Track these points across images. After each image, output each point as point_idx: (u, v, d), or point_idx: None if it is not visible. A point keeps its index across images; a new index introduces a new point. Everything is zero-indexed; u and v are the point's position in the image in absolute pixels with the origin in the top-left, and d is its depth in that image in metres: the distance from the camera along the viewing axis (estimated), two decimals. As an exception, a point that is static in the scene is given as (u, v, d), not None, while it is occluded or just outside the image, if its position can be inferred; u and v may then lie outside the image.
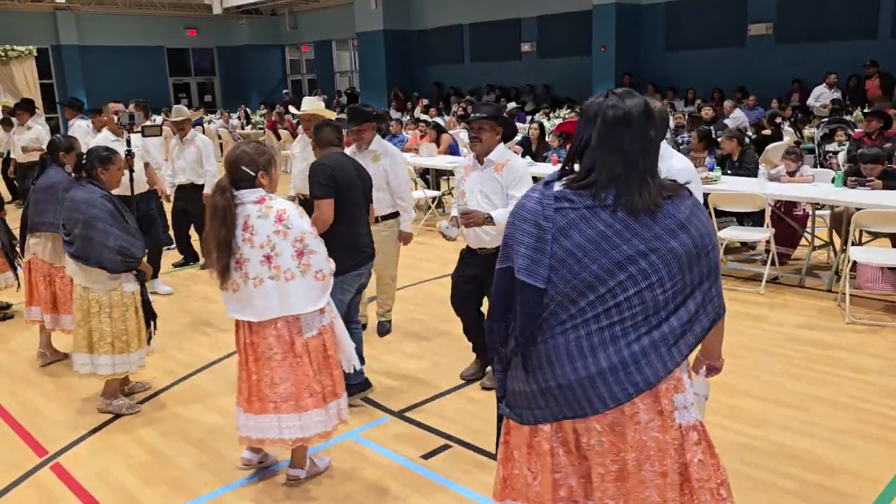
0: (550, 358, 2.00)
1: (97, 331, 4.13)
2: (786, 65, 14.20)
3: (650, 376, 1.95)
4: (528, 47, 18.90)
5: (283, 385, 3.20)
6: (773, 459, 3.56)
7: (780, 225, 6.68)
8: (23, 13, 21.52)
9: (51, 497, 3.50)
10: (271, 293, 3.11)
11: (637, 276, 1.92)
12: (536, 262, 1.96)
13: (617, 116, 1.95)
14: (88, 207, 4.03)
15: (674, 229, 1.93)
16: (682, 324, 1.97)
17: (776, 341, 5.08)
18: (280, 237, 3.09)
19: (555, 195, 1.98)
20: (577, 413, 1.98)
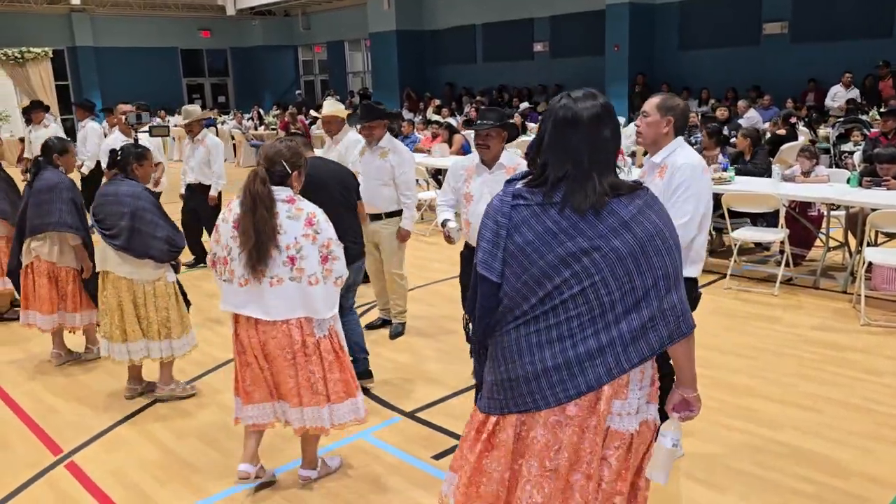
0: (504, 352, 2.09)
1: (147, 319, 4.28)
2: (801, 64, 14.09)
3: (592, 380, 1.99)
4: (540, 47, 18.86)
5: (291, 382, 3.23)
6: (787, 461, 3.54)
7: (795, 225, 6.63)
8: (39, 15, 21.73)
9: (66, 496, 3.53)
10: (291, 294, 3.09)
11: (580, 274, 1.95)
12: (492, 256, 2.05)
13: (566, 118, 2.00)
14: (135, 200, 4.18)
15: (616, 228, 1.94)
16: (632, 329, 1.96)
17: (790, 343, 5.05)
18: (308, 241, 3.08)
19: (513, 192, 2.06)
20: (520, 408, 2.06)
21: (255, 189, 3.03)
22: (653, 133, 3.27)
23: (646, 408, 2.12)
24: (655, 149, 3.31)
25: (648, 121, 3.27)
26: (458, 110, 17.77)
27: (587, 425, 2.03)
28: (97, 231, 4.30)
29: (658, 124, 3.25)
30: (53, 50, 19.57)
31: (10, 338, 5.81)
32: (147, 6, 23.38)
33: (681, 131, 3.30)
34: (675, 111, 3.24)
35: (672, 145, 3.26)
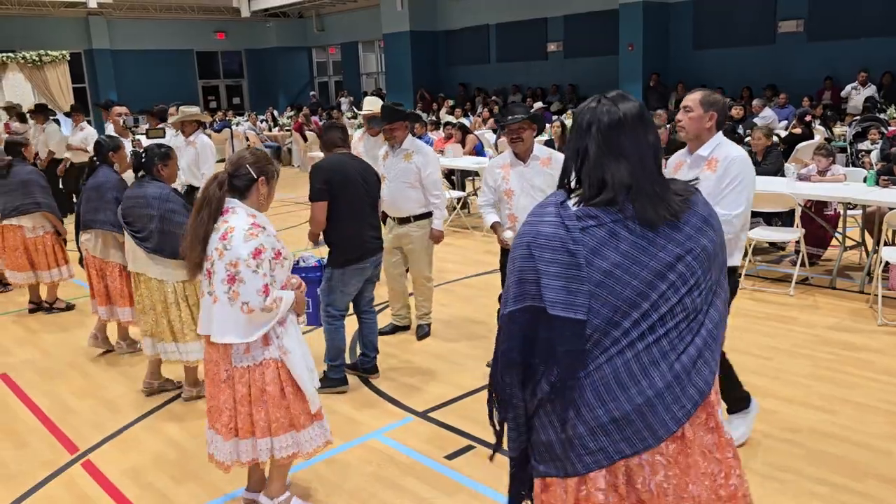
0: (599, 391, 1.78)
1: (179, 319, 4.29)
2: (817, 62, 13.96)
3: (702, 385, 1.81)
4: (554, 47, 18.82)
5: (210, 402, 3.12)
6: (803, 463, 3.51)
7: (811, 225, 6.58)
8: (56, 19, 21.96)
9: (82, 494, 3.57)
10: (205, 309, 3.03)
11: (678, 283, 1.80)
12: (573, 293, 1.75)
13: (612, 122, 1.82)
14: (163, 203, 4.22)
15: (701, 226, 1.85)
16: (715, 324, 1.87)
17: (806, 343, 5.01)
18: (217, 255, 2.94)
19: (576, 214, 1.79)
20: (637, 448, 1.77)
21: (209, 192, 2.99)
22: (696, 127, 3.36)
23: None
24: (698, 143, 3.40)
25: (692, 115, 3.35)
26: (472, 111, 17.76)
27: (708, 445, 1.84)
28: (127, 233, 4.34)
29: (701, 119, 3.34)
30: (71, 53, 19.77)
31: (27, 338, 5.88)
32: (163, 9, 23.56)
33: (721, 125, 3.39)
34: (717, 106, 3.34)
35: (716, 139, 3.37)
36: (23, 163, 6.21)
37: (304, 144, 15.81)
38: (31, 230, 6.10)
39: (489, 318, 5.65)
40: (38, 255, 6.12)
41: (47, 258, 6.16)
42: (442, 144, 10.97)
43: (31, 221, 6.08)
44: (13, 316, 6.45)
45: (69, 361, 5.30)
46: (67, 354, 5.43)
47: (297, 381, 3.05)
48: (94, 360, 5.30)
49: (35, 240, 6.11)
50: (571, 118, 1.98)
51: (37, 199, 6.05)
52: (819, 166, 6.83)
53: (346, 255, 4.36)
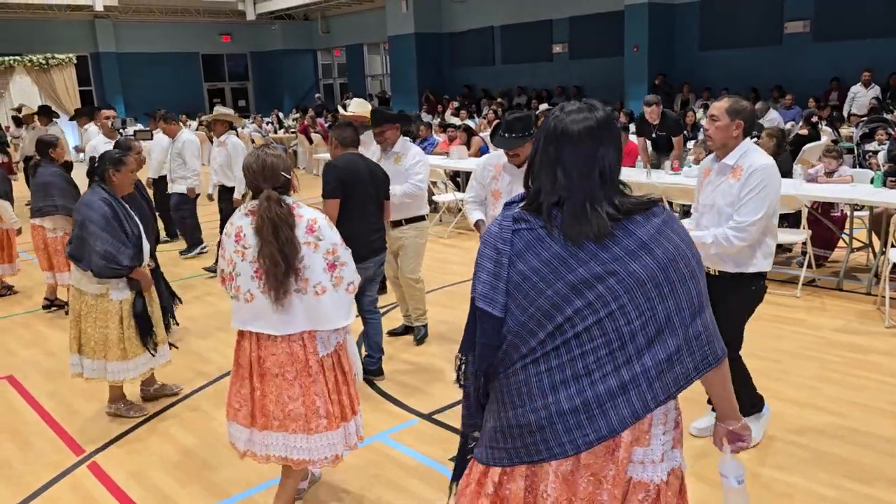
0: (511, 394, 1.84)
1: (85, 333, 4.15)
2: (824, 63, 13.93)
3: (615, 423, 1.75)
4: (559, 48, 18.82)
5: (291, 404, 2.99)
6: (809, 466, 3.49)
7: (818, 226, 6.55)
8: (63, 22, 22.06)
9: (87, 496, 3.56)
10: (295, 308, 2.92)
11: (595, 304, 1.74)
12: (494, 289, 1.82)
13: (555, 133, 1.79)
14: (87, 209, 4.06)
15: (634, 250, 1.74)
16: (657, 363, 1.75)
17: (813, 345, 4.98)
18: (310, 249, 2.90)
19: (513, 216, 1.84)
20: (532, 457, 1.81)
21: (272, 213, 2.83)
22: (723, 137, 3.32)
23: (671, 454, 1.88)
24: (725, 151, 3.36)
25: (718, 125, 3.31)
26: (477, 112, 17.76)
27: (604, 475, 1.80)
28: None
29: (728, 128, 3.30)
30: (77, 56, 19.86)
31: (32, 339, 5.90)
32: (168, 12, 23.64)
33: (749, 132, 3.36)
34: (743, 114, 3.30)
35: (742, 146, 3.33)
36: (50, 164, 6.23)
37: (309, 146, 15.82)
38: (51, 231, 6.13)
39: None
40: (58, 255, 6.14)
41: (66, 260, 6.15)
42: (447, 146, 10.96)
43: (51, 223, 6.10)
44: (19, 318, 6.47)
45: (75, 363, 5.31)
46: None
47: (350, 357, 3.17)
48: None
49: (55, 240, 6.14)
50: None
51: (55, 202, 6.03)
52: (828, 168, 6.80)
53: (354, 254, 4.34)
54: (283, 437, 3.01)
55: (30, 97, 18.36)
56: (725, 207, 3.36)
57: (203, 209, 8.45)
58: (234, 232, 2.98)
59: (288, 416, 2.99)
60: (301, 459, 3.04)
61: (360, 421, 3.24)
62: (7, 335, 6.04)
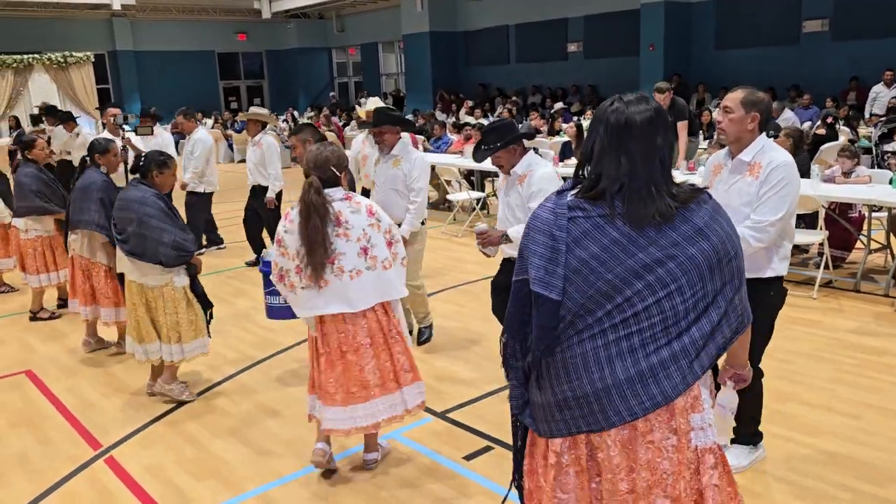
0: (568, 368, 1.94)
1: (158, 322, 4.35)
2: (842, 62, 13.79)
3: (668, 390, 1.88)
4: (574, 47, 18.76)
5: (371, 376, 3.38)
6: (825, 468, 3.47)
7: (835, 227, 6.50)
8: (81, 20, 22.26)
9: (104, 489, 3.61)
10: (367, 283, 3.28)
11: (655, 285, 1.86)
12: (551, 274, 1.91)
13: (619, 123, 1.90)
14: (141, 206, 4.20)
15: (692, 236, 1.87)
16: (703, 335, 1.90)
17: (829, 347, 4.95)
18: (374, 230, 3.28)
19: (568, 204, 1.94)
20: (591, 427, 1.93)
21: (309, 199, 3.17)
22: (736, 130, 3.10)
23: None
24: (739, 146, 3.14)
25: (732, 117, 3.09)
26: (491, 111, 17.75)
27: (664, 444, 1.91)
28: (115, 235, 4.37)
29: (742, 121, 3.07)
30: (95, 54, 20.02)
31: (50, 334, 5.97)
32: (185, 11, 23.79)
33: (764, 127, 3.14)
34: (759, 106, 3.08)
35: (759, 142, 3.11)
36: (27, 164, 6.13)
37: (323, 145, 15.85)
38: (24, 232, 6.11)
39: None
40: (28, 258, 6.11)
41: (36, 262, 6.12)
42: (461, 145, 10.97)
43: (23, 224, 6.09)
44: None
45: (91, 359, 5.37)
46: (89, 353, 5.49)
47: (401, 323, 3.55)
48: (116, 359, 5.37)
49: (26, 242, 6.11)
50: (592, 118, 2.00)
51: (31, 203, 5.98)
52: (844, 168, 6.75)
53: None
54: (387, 399, 3.43)
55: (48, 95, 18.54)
56: (742, 208, 3.10)
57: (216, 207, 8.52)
58: (295, 228, 3.25)
59: (386, 379, 3.42)
60: (404, 412, 3.48)
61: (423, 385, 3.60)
62: (27, 331, 6.11)
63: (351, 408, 3.36)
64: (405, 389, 3.46)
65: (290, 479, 3.61)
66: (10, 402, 4.69)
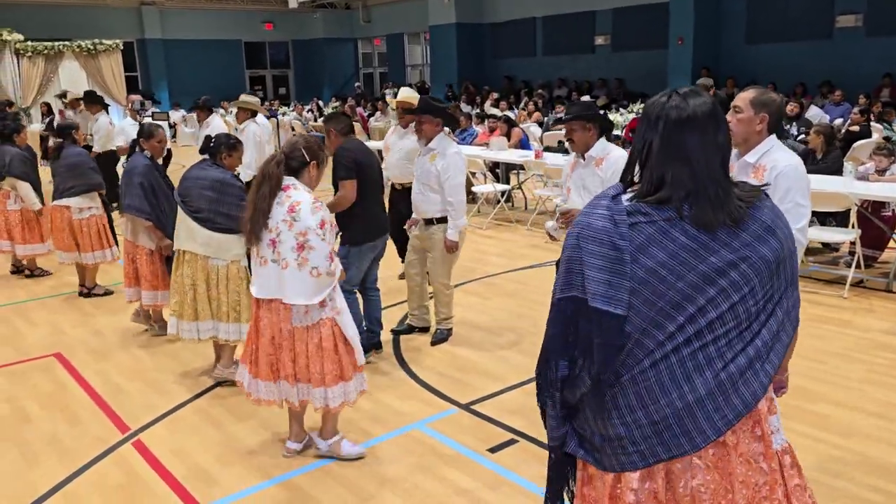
0: (640, 393, 1.77)
1: (218, 301, 4.40)
2: (876, 58, 13.52)
3: (748, 397, 1.76)
4: (601, 40, 18.59)
5: (264, 360, 3.48)
6: (857, 470, 3.41)
7: (867, 226, 6.38)
8: (110, 8, 22.49)
9: (132, 472, 3.65)
10: (271, 276, 3.36)
11: (729, 290, 1.74)
12: (615, 287, 1.74)
13: (681, 118, 1.75)
14: (223, 185, 4.33)
15: (762, 235, 1.76)
16: (772, 335, 1.79)
17: (860, 347, 4.86)
18: (285, 226, 3.28)
19: (626, 209, 1.77)
20: (673, 452, 1.76)
21: (267, 169, 3.32)
22: (744, 130, 3.00)
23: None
24: (746, 147, 3.06)
25: (741, 117, 3.02)
26: (516, 104, 17.66)
27: (752, 454, 1.80)
28: (183, 210, 4.39)
29: (751, 121, 3.00)
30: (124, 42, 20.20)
31: (80, 319, 6.04)
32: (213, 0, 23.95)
33: (774, 128, 3.06)
34: (770, 107, 3.00)
35: (766, 143, 3.02)
36: (73, 145, 6.38)
37: (348, 135, 15.89)
38: (77, 211, 6.25)
39: (532, 312, 5.62)
40: (83, 236, 6.27)
41: (91, 240, 6.29)
42: (486, 137, 10.93)
43: (78, 202, 6.23)
44: (68, 298, 6.63)
45: (119, 343, 5.44)
46: (118, 336, 5.56)
47: (347, 336, 3.47)
48: (143, 343, 5.43)
49: (81, 221, 6.26)
50: (641, 112, 1.89)
51: (88, 180, 6.20)
52: (878, 166, 6.62)
53: (367, 233, 4.65)
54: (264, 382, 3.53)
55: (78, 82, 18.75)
56: None
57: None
58: None
59: (266, 367, 3.50)
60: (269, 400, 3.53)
61: (331, 394, 3.47)
62: (56, 314, 6.20)
63: (276, 384, 3.53)
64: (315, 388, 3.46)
65: (315, 468, 3.62)
66: (40, 385, 4.76)
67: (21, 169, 6.75)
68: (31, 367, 5.07)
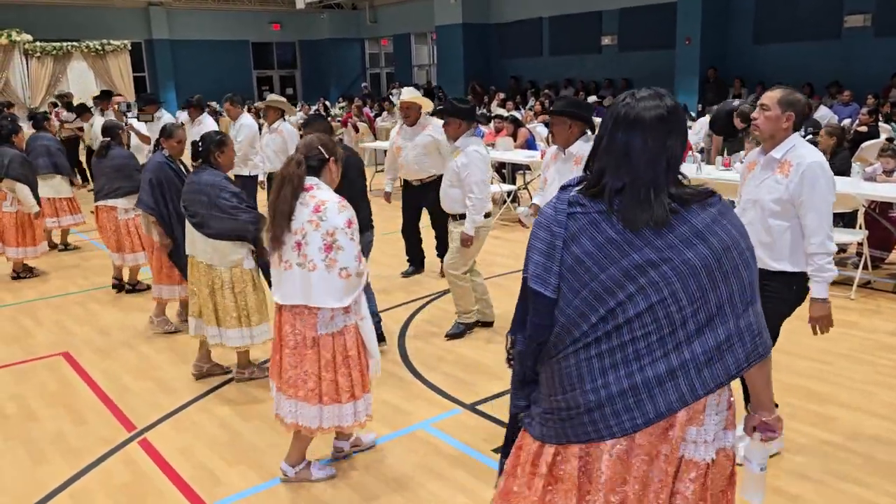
0: (562, 378, 1.89)
1: (221, 306, 4.37)
2: (885, 58, 13.45)
3: (662, 406, 1.79)
4: (608, 40, 18.56)
5: (290, 371, 3.28)
6: (864, 472, 3.40)
7: (875, 227, 6.35)
8: (118, 9, 22.57)
9: (138, 470, 3.67)
10: (296, 280, 3.17)
11: (647, 289, 1.77)
12: (546, 270, 1.86)
13: (626, 118, 1.80)
14: (215, 189, 4.27)
15: (689, 238, 1.76)
16: (706, 350, 1.78)
17: (867, 349, 4.84)
18: (312, 227, 3.13)
19: (568, 200, 1.87)
20: (581, 438, 1.86)
21: (287, 170, 3.17)
22: (771, 128, 3.19)
23: (722, 435, 1.91)
24: (772, 143, 3.23)
25: (768, 115, 3.18)
26: (523, 104, 17.64)
27: (657, 452, 1.85)
28: (186, 217, 4.42)
29: (778, 119, 3.17)
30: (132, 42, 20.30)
31: (87, 317, 6.07)
32: (220, 0, 24.00)
33: (798, 127, 3.23)
34: (796, 107, 3.16)
35: (790, 140, 3.19)
36: (119, 146, 6.44)
37: (356, 135, 15.91)
38: (123, 212, 6.30)
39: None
40: (127, 237, 6.32)
41: (132, 240, 6.33)
42: (492, 137, 10.92)
43: (125, 203, 6.26)
44: (75, 297, 6.66)
45: (126, 342, 5.46)
46: (124, 335, 5.59)
47: (367, 344, 3.33)
48: (149, 341, 5.45)
49: (127, 222, 6.31)
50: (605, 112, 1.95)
51: (135, 182, 6.11)
52: (886, 167, 6.59)
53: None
54: (293, 404, 3.31)
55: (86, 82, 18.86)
56: (770, 204, 3.20)
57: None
58: None
59: (286, 382, 3.30)
60: (293, 423, 3.32)
61: (359, 408, 3.34)
62: (62, 313, 6.23)
63: (282, 397, 3.36)
64: (300, 403, 3.29)
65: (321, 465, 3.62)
66: (47, 383, 4.78)
67: (19, 171, 6.75)
68: (38, 365, 5.10)
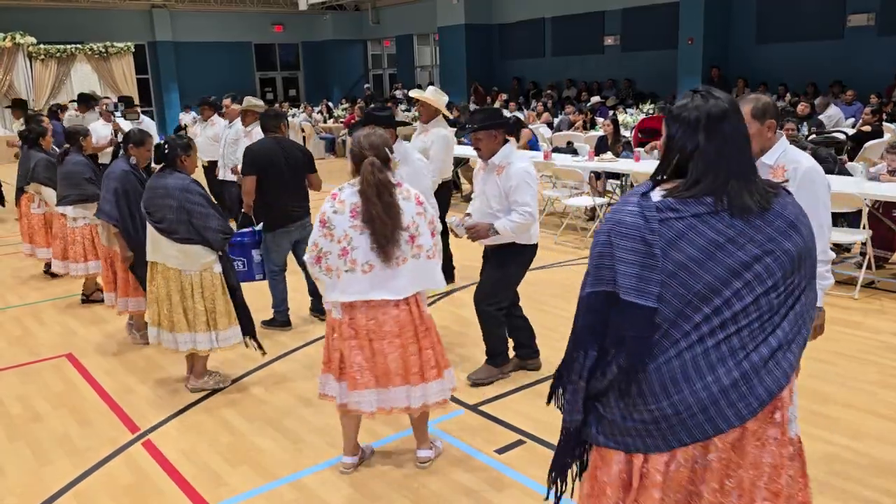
0: (665, 382, 1.85)
1: (192, 311, 4.34)
2: (888, 58, 13.42)
3: (772, 385, 1.84)
4: (611, 41, 18.54)
5: (412, 359, 3.35)
6: (867, 473, 3.39)
7: (879, 226, 6.33)
8: (122, 11, 22.62)
9: (141, 471, 3.68)
10: (413, 271, 3.26)
11: (753, 283, 1.83)
12: (646, 280, 1.83)
13: (717, 115, 1.86)
14: (184, 193, 4.23)
15: (786, 229, 1.86)
16: (792, 327, 1.88)
17: (871, 349, 4.83)
18: (421, 219, 3.26)
19: (656, 206, 1.86)
20: (696, 437, 1.85)
21: (376, 178, 3.15)
22: (759, 142, 3.02)
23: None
24: (761, 153, 3.07)
25: (752, 133, 2.94)
26: (526, 105, 17.64)
27: (767, 436, 1.89)
28: (149, 223, 4.32)
29: (761, 132, 3.01)
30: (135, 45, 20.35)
31: (91, 319, 6.09)
32: (223, 2, 24.04)
33: (779, 125, 3.15)
34: (769, 111, 3.02)
35: (780, 145, 3.07)
36: (77, 153, 6.08)
37: (358, 136, 15.91)
38: (71, 220, 6.08)
39: (541, 313, 5.61)
40: (75, 245, 6.11)
41: (84, 250, 6.10)
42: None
43: (73, 211, 6.04)
44: (78, 298, 6.66)
45: (129, 344, 5.47)
46: (127, 337, 5.59)
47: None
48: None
49: (74, 231, 6.10)
50: (667, 116, 1.96)
51: (82, 191, 5.93)
52: (890, 166, 6.57)
53: (274, 221, 5.32)
54: (406, 389, 3.37)
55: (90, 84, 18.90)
56: None
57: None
58: (348, 209, 3.22)
59: (409, 371, 3.36)
60: (421, 405, 3.40)
61: (449, 376, 3.52)
62: (67, 314, 6.25)
63: (376, 391, 3.36)
64: (427, 384, 3.39)
65: (323, 468, 3.63)
66: (51, 385, 4.80)
67: (45, 174, 6.65)
68: (43, 367, 5.11)
